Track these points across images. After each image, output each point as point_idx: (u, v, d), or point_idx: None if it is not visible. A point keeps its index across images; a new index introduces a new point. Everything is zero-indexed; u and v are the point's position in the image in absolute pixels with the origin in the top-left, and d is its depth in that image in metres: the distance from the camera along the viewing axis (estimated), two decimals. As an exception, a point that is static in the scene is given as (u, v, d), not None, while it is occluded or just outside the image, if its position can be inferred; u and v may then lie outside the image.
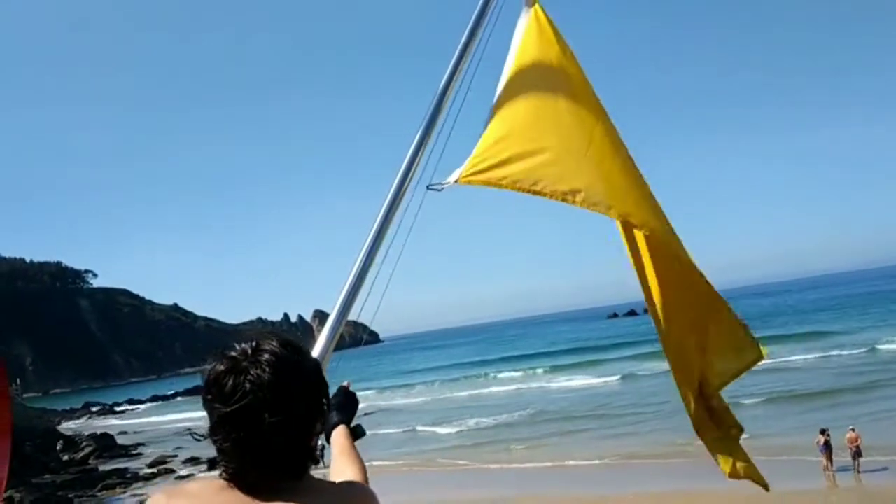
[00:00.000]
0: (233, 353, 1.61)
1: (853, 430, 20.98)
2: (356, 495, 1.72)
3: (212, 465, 1.65)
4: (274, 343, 1.62)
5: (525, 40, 3.17)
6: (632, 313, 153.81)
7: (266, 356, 1.58)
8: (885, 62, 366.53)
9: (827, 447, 20.75)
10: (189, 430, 1.82)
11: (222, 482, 1.59)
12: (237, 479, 1.58)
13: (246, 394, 1.53)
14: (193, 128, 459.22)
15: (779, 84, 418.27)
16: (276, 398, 1.53)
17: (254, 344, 1.62)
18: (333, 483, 1.74)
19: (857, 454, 20.53)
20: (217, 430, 1.59)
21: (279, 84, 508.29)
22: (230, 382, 1.56)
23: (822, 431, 21.06)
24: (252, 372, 1.55)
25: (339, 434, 2.20)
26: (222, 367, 1.59)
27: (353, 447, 2.17)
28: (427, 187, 2.57)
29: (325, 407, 1.68)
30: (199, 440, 1.65)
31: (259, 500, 1.55)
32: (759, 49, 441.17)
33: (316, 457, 1.70)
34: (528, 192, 2.71)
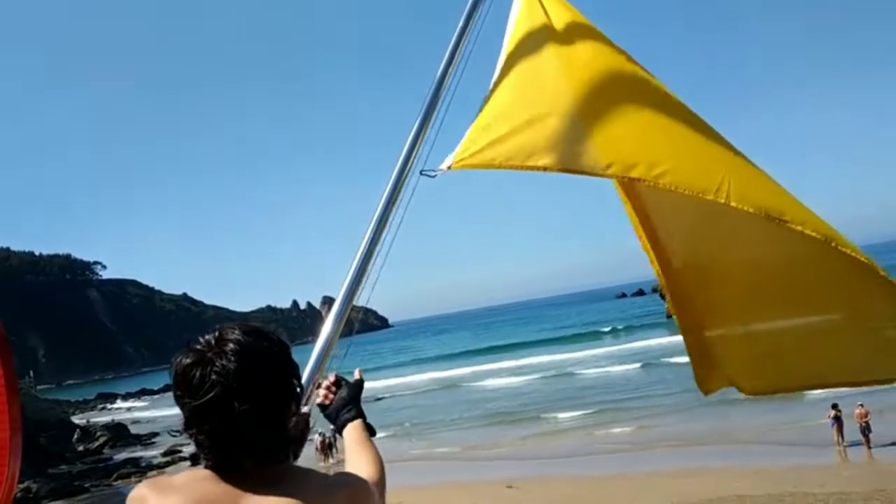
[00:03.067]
0: (197, 346, 1.61)
1: (861, 405, 20.97)
2: (344, 487, 1.65)
3: (194, 459, 1.64)
4: (237, 332, 1.61)
5: (517, 26, 3.15)
6: (640, 293, 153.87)
7: (230, 345, 1.57)
8: None
9: (837, 422, 20.79)
10: (168, 430, 1.83)
11: (207, 473, 1.59)
12: (219, 469, 1.58)
13: (213, 385, 1.53)
14: (202, 118, 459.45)
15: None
16: (243, 386, 1.52)
17: (217, 334, 1.62)
18: (322, 473, 1.70)
19: (867, 430, 20.52)
20: (190, 423, 1.58)
21: (290, 72, 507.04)
22: (197, 375, 1.56)
23: (834, 406, 21.10)
24: (217, 363, 1.55)
25: (355, 428, 2.13)
26: (188, 361, 1.59)
27: (370, 442, 2.10)
28: (420, 173, 2.56)
29: (298, 389, 1.67)
30: (175, 436, 1.72)
31: (243, 489, 1.55)
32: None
33: (297, 438, 1.71)
34: (523, 168, 2.66)
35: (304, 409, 2.07)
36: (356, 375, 2.25)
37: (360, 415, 2.15)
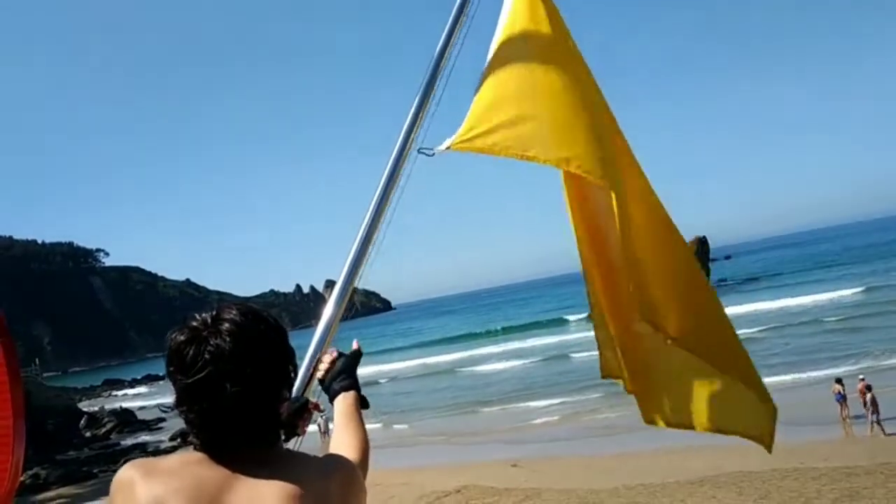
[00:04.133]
0: (193, 323, 1.58)
1: (863, 379, 21.00)
2: (338, 470, 1.63)
3: (183, 437, 1.61)
4: (234, 312, 1.59)
5: (515, 6, 3.14)
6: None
7: (226, 325, 1.55)
8: None
9: (842, 397, 20.84)
10: (159, 405, 1.89)
11: (197, 455, 1.56)
12: (207, 449, 1.56)
13: (206, 364, 1.51)
14: (204, 106, 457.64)
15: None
16: (236, 368, 1.51)
17: (214, 313, 1.59)
18: (310, 455, 1.67)
19: (874, 404, 20.53)
20: (181, 401, 1.55)
21: (293, 57, 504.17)
22: (190, 352, 1.53)
23: (838, 381, 21.18)
24: (212, 342, 1.53)
25: (345, 400, 2.07)
26: (183, 338, 1.56)
27: (358, 415, 2.04)
28: (418, 151, 2.55)
29: (292, 374, 1.66)
30: (165, 412, 1.71)
31: (234, 472, 1.52)
32: None
33: (289, 422, 1.67)
34: (520, 157, 2.71)
35: (311, 398, 2.05)
36: (354, 346, 2.20)
37: (354, 386, 2.09)
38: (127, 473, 1.56)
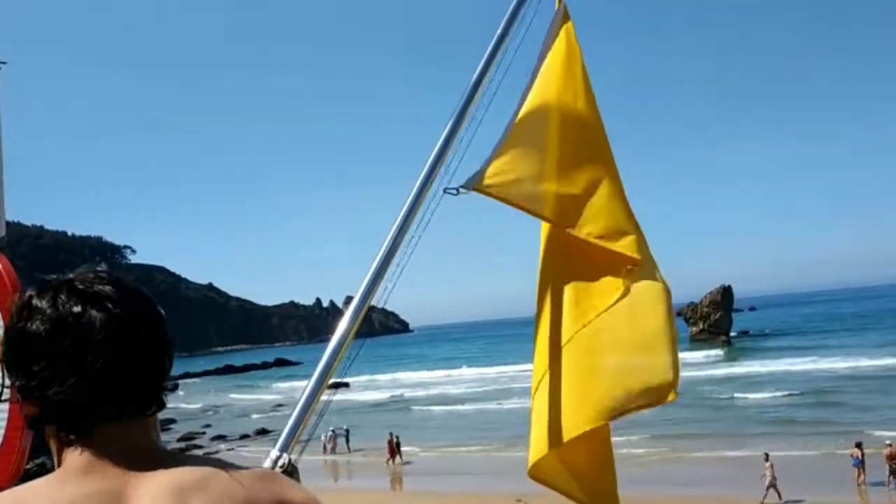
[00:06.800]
0: (55, 284, 1.30)
1: (890, 444, 20.58)
2: (279, 479, 1.36)
3: (35, 424, 1.25)
4: (105, 279, 1.32)
5: (554, 57, 3.17)
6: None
7: (98, 290, 1.29)
8: None
9: (860, 462, 20.46)
10: None
11: (71, 469, 1.23)
12: (77, 437, 1.24)
13: (73, 331, 1.24)
14: (236, 108, 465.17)
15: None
16: (108, 339, 1.24)
17: (84, 276, 1.32)
18: (203, 458, 1.39)
19: (895, 472, 20.11)
20: (25, 370, 1.24)
21: (328, 70, 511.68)
22: (48, 318, 1.25)
23: (858, 445, 20.81)
24: (84, 308, 1.26)
25: None
26: (42, 303, 1.27)
27: None
28: (444, 190, 2.61)
29: (166, 357, 1.39)
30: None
31: (127, 470, 1.23)
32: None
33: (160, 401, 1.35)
34: (534, 214, 2.84)
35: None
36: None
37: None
38: None
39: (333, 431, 34.76)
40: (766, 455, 20.73)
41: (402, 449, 30.93)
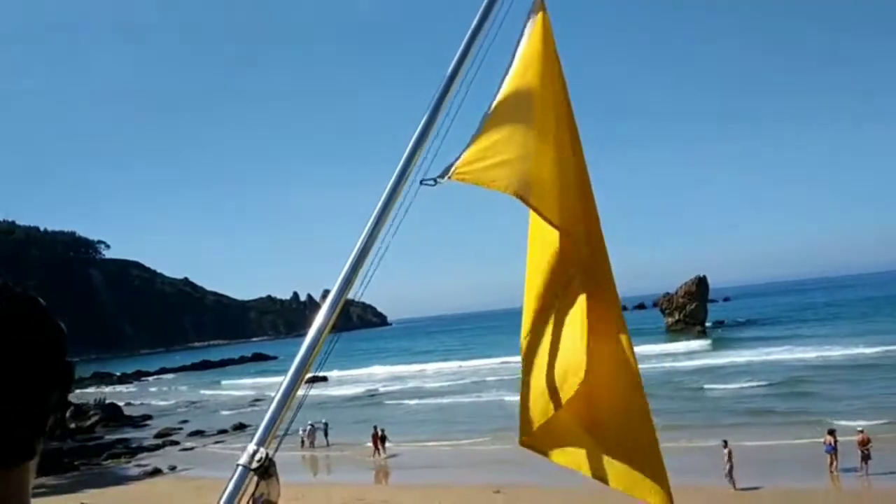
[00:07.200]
0: None
1: (862, 431, 20.93)
2: None
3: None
4: None
5: (531, 46, 3.18)
6: (640, 306, 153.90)
7: None
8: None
9: (833, 448, 20.77)
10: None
11: None
12: None
13: None
14: (210, 105, 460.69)
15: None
16: None
17: None
18: None
19: (867, 457, 20.46)
20: None
21: (302, 60, 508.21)
22: None
23: (830, 432, 21.13)
24: None
25: None
26: None
27: None
28: (420, 182, 2.62)
29: (49, 390, 1.05)
30: None
31: None
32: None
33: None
34: (518, 198, 2.79)
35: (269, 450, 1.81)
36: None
37: None
38: None
39: (312, 425, 34.72)
40: (725, 442, 21.05)
41: (386, 444, 30.92)
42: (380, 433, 30.81)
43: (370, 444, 30.91)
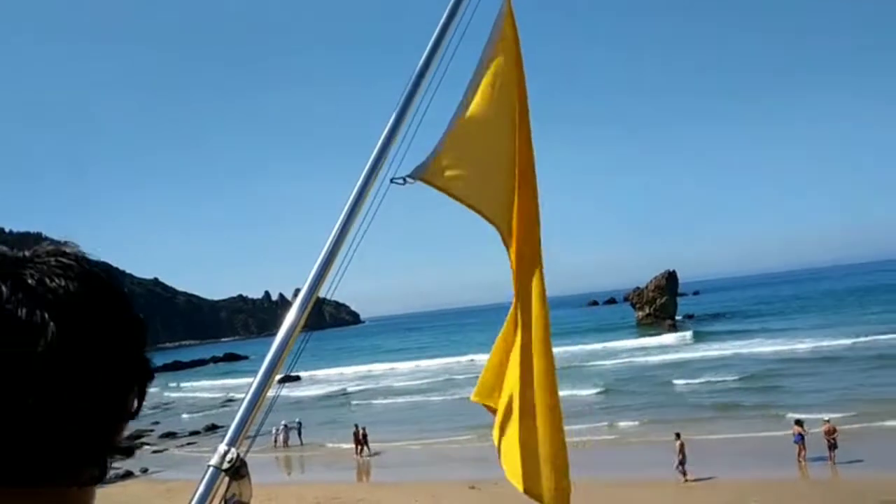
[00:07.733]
0: None
1: (828, 421, 21.29)
2: None
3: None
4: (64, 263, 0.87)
5: (501, 40, 3.19)
6: (611, 301, 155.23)
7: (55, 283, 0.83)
8: None
9: (801, 438, 21.11)
10: None
11: None
12: None
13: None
14: (185, 104, 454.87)
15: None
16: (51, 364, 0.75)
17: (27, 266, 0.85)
18: None
19: (833, 446, 20.83)
20: None
21: (276, 56, 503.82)
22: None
23: (798, 423, 21.45)
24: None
25: None
26: None
27: None
28: (391, 181, 2.61)
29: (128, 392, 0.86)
30: None
31: None
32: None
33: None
34: (476, 211, 2.87)
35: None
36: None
37: None
38: None
39: (285, 425, 34.50)
40: (677, 434, 21.28)
41: (353, 442, 30.73)
42: (361, 431, 30.63)
43: (350, 444, 30.69)
